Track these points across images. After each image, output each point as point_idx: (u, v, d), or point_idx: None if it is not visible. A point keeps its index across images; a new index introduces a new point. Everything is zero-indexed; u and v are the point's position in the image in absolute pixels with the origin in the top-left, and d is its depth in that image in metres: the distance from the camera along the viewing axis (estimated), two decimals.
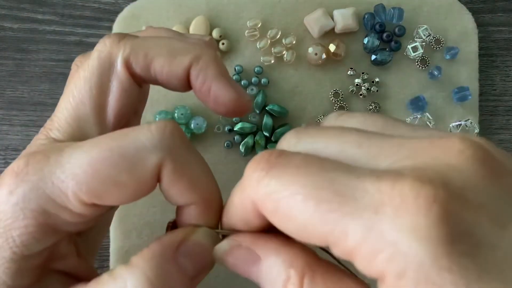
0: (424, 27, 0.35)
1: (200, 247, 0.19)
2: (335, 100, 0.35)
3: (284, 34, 0.35)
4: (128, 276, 0.18)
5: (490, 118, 0.37)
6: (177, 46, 0.21)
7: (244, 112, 0.22)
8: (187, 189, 0.19)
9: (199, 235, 0.19)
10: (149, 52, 0.20)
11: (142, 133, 0.18)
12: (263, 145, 0.35)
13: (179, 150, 0.18)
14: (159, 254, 0.18)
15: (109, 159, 0.17)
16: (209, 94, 0.21)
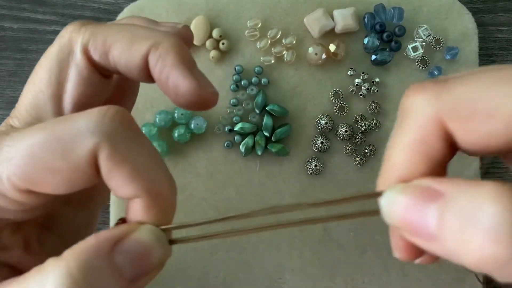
0: (424, 27, 0.35)
1: (141, 245, 0.17)
2: (335, 100, 0.35)
3: (284, 34, 0.35)
4: (52, 271, 0.16)
5: None
6: (138, 32, 0.19)
7: (208, 105, 0.20)
8: (128, 180, 0.17)
9: (142, 232, 0.17)
10: (108, 38, 0.19)
11: (83, 117, 0.17)
12: (263, 145, 0.35)
13: (118, 136, 0.17)
14: (92, 249, 0.16)
15: (45, 143, 0.16)
16: (167, 84, 0.19)
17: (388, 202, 0.17)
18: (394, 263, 0.35)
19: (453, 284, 0.35)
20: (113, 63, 0.19)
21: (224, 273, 0.35)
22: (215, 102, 0.20)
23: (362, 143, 0.35)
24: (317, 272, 0.35)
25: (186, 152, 0.35)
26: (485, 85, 0.14)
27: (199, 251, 0.35)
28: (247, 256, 0.35)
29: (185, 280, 0.35)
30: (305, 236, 0.35)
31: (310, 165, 0.35)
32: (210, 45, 0.35)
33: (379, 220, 0.19)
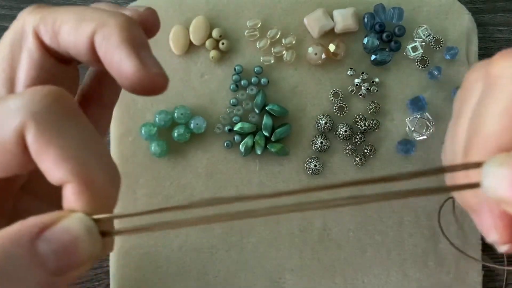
0: (424, 27, 0.35)
1: (68, 235, 0.15)
2: (335, 100, 0.35)
3: (284, 34, 0.35)
4: None
5: None
6: (86, 13, 0.18)
7: (154, 88, 0.18)
8: (57, 162, 0.16)
9: (70, 220, 0.16)
10: (57, 20, 0.18)
11: (15, 96, 0.16)
12: (262, 145, 0.35)
13: (47, 115, 0.16)
14: (13, 235, 0.15)
15: None
16: (112, 66, 0.18)
17: (492, 173, 0.15)
18: (394, 263, 0.35)
19: (453, 284, 0.35)
20: (63, 46, 0.18)
21: (224, 273, 0.35)
22: (162, 85, 0.18)
23: (361, 143, 0.35)
24: (317, 272, 0.35)
25: (186, 152, 0.35)
26: None
27: (199, 251, 0.35)
28: (247, 256, 0.35)
29: (185, 280, 0.35)
30: (305, 236, 0.35)
31: (310, 165, 0.35)
32: (210, 45, 0.35)
33: (379, 220, 0.19)
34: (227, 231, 0.35)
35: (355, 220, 0.36)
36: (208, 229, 0.35)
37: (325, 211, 0.35)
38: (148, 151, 0.35)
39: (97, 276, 0.36)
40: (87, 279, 0.36)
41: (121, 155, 0.35)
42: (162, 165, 0.35)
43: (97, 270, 0.36)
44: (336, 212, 0.35)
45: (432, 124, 0.34)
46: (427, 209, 0.35)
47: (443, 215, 0.35)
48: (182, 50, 0.35)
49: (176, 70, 0.35)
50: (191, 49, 0.35)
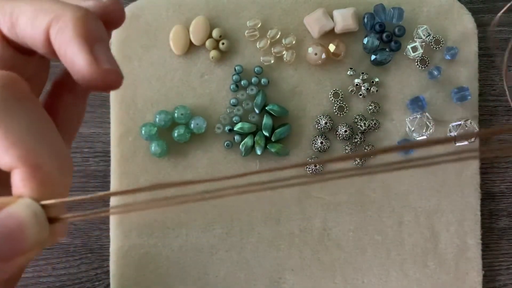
0: (424, 27, 0.35)
1: (14, 220, 0.15)
2: (335, 100, 0.35)
3: (284, 34, 0.35)
4: None
5: (489, 118, 0.37)
6: (43, 4, 0.18)
7: (107, 84, 0.18)
8: (4, 147, 0.16)
9: (17, 206, 0.16)
10: (15, 10, 0.18)
11: None
12: (262, 145, 0.35)
13: None
14: None
15: None
16: (66, 60, 0.18)
17: None
18: (394, 263, 0.35)
19: (453, 284, 0.35)
20: (21, 37, 0.18)
21: (224, 273, 0.35)
22: (115, 82, 0.18)
23: (361, 143, 0.35)
24: (317, 272, 0.35)
25: (186, 152, 0.35)
26: None
27: (199, 251, 0.35)
28: (247, 256, 0.35)
29: (185, 280, 0.35)
30: (305, 236, 0.35)
31: (310, 165, 0.35)
32: (210, 45, 0.35)
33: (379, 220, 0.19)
34: (227, 231, 0.35)
35: (355, 220, 0.36)
36: (208, 229, 0.35)
37: (325, 211, 0.35)
38: (148, 151, 0.35)
39: (97, 276, 0.36)
40: (87, 279, 0.36)
41: (121, 155, 0.35)
42: (162, 165, 0.35)
43: (97, 270, 0.36)
44: (336, 212, 0.35)
45: (432, 124, 0.34)
46: (427, 209, 0.35)
47: (443, 214, 0.36)
48: (182, 50, 0.35)
49: (176, 70, 0.35)
50: (191, 49, 0.35)
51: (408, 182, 0.35)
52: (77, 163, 0.36)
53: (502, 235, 0.37)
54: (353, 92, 0.35)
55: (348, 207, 0.36)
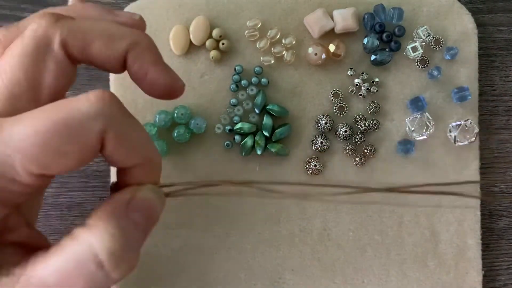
0: (424, 27, 0.35)
1: (148, 202, 0.21)
2: (335, 100, 0.35)
3: (284, 34, 0.35)
4: (90, 236, 0.18)
5: (489, 118, 0.37)
6: (115, 30, 0.22)
7: (178, 95, 0.24)
8: (131, 153, 0.20)
9: (146, 191, 0.21)
10: (87, 36, 0.21)
11: (82, 102, 0.18)
12: (263, 145, 0.35)
13: (120, 117, 0.19)
14: (112, 212, 0.19)
15: (54, 130, 0.18)
16: (145, 78, 0.23)
17: None
18: (394, 263, 0.35)
19: (453, 284, 0.35)
20: (91, 58, 0.21)
21: (224, 273, 0.35)
22: (183, 92, 0.24)
23: (361, 143, 0.35)
24: (317, 272, 0.35)
25: (186, 152, 0.35)
26: None
27: (199, 251, 0.35)
28: (247, 256, 0.35)
29: (185, 280, 0.35)
30: (305, 236, 0.35)
31: (310, 165, 0.35)
32: (210, 45, 0.35)
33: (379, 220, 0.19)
34: (227, 231, 0.35)
35: (355, 220, 0.36)
36: (208, 229, 0.35)
37: (325, 211, 0.35)
38: None
39: None
40: None
41: None
42: (162, 165, 0.35)
43: None
44: (336, 212, 0.35)
45: (432, 124, 0.34)
46: (427, 209, 0.35)
47: (443, 214, 0.36)
48: (182, 50, 0.35)
49: (176, 70, 0.35)
50: (191, 49, 0.35)
51: (408, 182, 0.35)
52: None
53: (502, 235, 0.37)
54: (353, 92, 0.35)
55: (348, 207, 0.36)
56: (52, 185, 0.36)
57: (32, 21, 0.21)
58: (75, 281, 0.18)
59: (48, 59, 0.21)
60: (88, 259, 0.18)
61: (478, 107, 0.36)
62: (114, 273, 0.18)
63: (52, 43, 0.20)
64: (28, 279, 0.18)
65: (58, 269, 0.18)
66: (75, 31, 0.21)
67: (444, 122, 0.36)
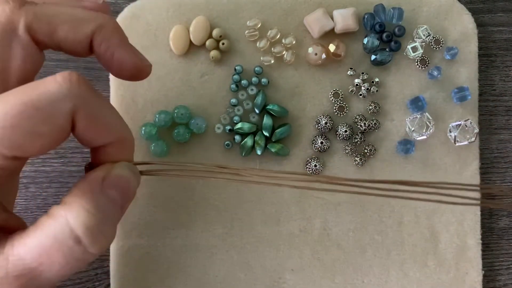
0: (424, 27, 0.35)
1: (122, 178, 0.22)
2: (335, 100, 0.35)
3: (284, 34, 0.35)
4: (67, 212, 0.19)
5: (489, 118, 0.37)
6: (80, 14, 0.22)
7: (145, 75, 0.24)
8: (103, 132, 0.21)
9: (120, 169, 0.22)
10: (53, 20, 0.21)
11: (50, 84, 0.19)
12: (263, 145, 0.35)
13: (88, 97, 0.20)
14: (88, 189, 0.20)
15: (25, 112, 0.18)
16: (112, 60, 0.23)
17: None
18: (394, 263, 0.35)
19: (453, 284, 0.35)
20: (58, 41, 0.22)
21: (224, 273, 0.35)
22: (150, 72, 0.25)
23: (361, 143, 0.35)
24: (317, 272, 0.35)
25: (186, 152, 0.35)
26: None
27: (199, 251, 0.35)
28: (247, 256, 0.35)
29: (185, 280, 0.35)
30: (305, 236, 0.35)
31: (310, 165, 0.35)
32: (210, 45, 0.35)
33: (379, 220, 0.19)
34: (227, 231, 0.35)
35: (355, 220, 0.36)
36: (208, 229, 0.35)
37: (325, 211, 0.35)
38: (148, 151, 0.35)
39: (97, 276, 0.36)
40: (87, 279, 0.36)
41: None
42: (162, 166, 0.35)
43: (97, 270, 0.36)
44: (336, 212, 0.35)
45: (432, 124, 0.34)
46: (427, 209, 0.35)
47: (443, 214, 0.36)
48: (182, 50, 0.35)
49: (176, 70, 0.35)
50: (191, 49, 0.35)
51: None
52: (77, 163, 0.36)
53: (502, 235, 0.37)
54: (353, 92, 0.35)
55: (348, 207, 0.36)
56: (52, 185, 0.36)
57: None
58: (54, 256, 0.18)
59: (14, 44, 0.21)
60: (65, 235, 0.18)
61: (478, 107, 0.36)
62: (91, 248, 0.19)
63: (17, 29, 0.21)
64: (6, 257, 0.19)
65: (36, 246, 0.19)
66: (40, 16, 0.21)
67: (444, 122, 0.36)
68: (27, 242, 0.19)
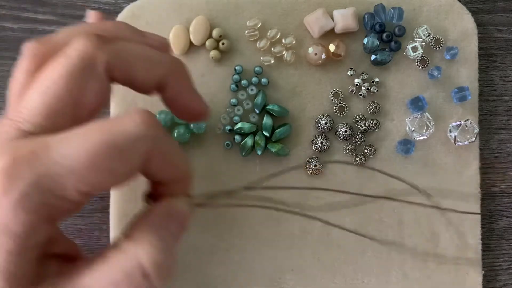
0: (424, 27, 0.35)
1: (182, 213, 0.23)
2: (335, 100, 0.35)
3: (284, 34, 0.35)
4: (137, 249, 0.20)
5: (490, 118, 0.37)
6: (154, 56, 0.23)
7: (205, 119, 0.27)
8: (171, 171, 0.22)
9: (181, 203, 0.23)
10: (130, 59, 0.22)
11: (129, 123, 0.19)
12: (263, 145, 0.35)
13: (162, 138, 0.21)
14: (154, 224, 0.21)
15: (105, 152, 0.19)
16: (177, 103, 0.25)
17: None
18: (394, 263, 0.35)
19: (453, 284, 0.35)
20: (130, 80, 0.23)
21: (224, 273, 0.35)
22: (209, 116, 0.27)
23: (361, 143, 0.35)
24: (317, 272, 0.35)
25: (186, 152, 0.35)
26: None
27: (199, 251, 0.35)
28: (247, 256, 0.35)
29: (185, 280, 0.35)
30: (305, 236, 0.35)
31: (310, 165, 0.35)
32: (210, 45, 0.35)
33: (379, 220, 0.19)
34: (227, 231, 0.35)
35: (355, 220, 0.36)
36: (208, 229, 0.35)
37: (325, 211, 0.35)
38: None
39: None
40: None
41: None
42: None
43: None
44: (336, 212, 0.35)
45: (432, 124, 0.34)
46: (427, 209, 0.35)
47: (443, 213, 0.36)
48: (182, 50, 0.35)
49: None
50: (191, 49, 0.35)
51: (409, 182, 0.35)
52: None
53: (502, 235, 0.37)
54: (353, 92, 0.35)
55: (348, 207, 0.36)
56: None
57: (75, 41, 0.21)
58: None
59: (91, 79, 0.21)
60: (135, 271, 0.19)
61: (478, 107, 0.36)
62: (157, 282, 0.20)
63: (96, 65, 0.21)
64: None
65: (106, 280, 0.19)
66: (118, 54, 0.22)
67: (444, 122, 0.36)
68: (97, 276, 0.20)
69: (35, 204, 0.18)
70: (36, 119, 0.20)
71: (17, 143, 0.19)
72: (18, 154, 0.18)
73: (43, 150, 0.18)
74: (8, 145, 0.19)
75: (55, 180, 0.18)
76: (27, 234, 0.19)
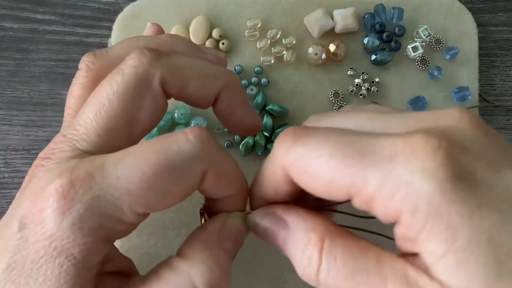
0: (424, 27, 0.35)
1: (236, 229, 0.22)
2: (335, 100, 0.35)
3: (284, 34, 0.35)
4: (190, 268, 0.20)
5: (490, 118, 0.37)
6: (209, 70, 0.23)
7: (257, 133, 0.27)
8: (226, 187, 0.21)
9: (235, 219, 0.22)
10: (185, 75, 0.22)
11: (183, 143, 0.19)
12: (263, 145, 0.35)
13: (218, 155, 0.20)
14: (206, 241, 0.21)
15: (161, 173, 0.18)
16: (231, 117, 0.24)
17: (253, 223, 0.22)
18: None
19: None
20: (186, 95, 0.22)
21: None
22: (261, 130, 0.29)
23: None
24: None
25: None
26: None
27: None
28: (247, 256, 0.35)
29: None
30: None
31: None
32: (210, 45, 0.35)
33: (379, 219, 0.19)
34: None
35: (355, 220, 0.36)
36: None
37: None
38: None
39: None
40: None
41: None
42: None
43: None
44: None
45: None
46: None
47: None
48: None
49: None
50: None
51: None
52: None
53: None
54: (353, 92, 0.35)
55: (348, 207, 0.35)
56: None
57: (130, 57, 0.21)
58: None
59: (147, 96, 0.21)
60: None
61: (478, 107, 0.36)
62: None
63: (152, 81, 0.21)
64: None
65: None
66: (174, 70, 0.22)
67: None
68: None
69: (92, 226, 0.18)
70: (91, 137, 0.20)
71: (73, 163, 0.19)
72: (74, 175, 0.18)
73: (99, 171, 0.18)
74: (64, 166, 0.19)
75: (111, 202, 0.18)
76: (85, 257, 0.18)
